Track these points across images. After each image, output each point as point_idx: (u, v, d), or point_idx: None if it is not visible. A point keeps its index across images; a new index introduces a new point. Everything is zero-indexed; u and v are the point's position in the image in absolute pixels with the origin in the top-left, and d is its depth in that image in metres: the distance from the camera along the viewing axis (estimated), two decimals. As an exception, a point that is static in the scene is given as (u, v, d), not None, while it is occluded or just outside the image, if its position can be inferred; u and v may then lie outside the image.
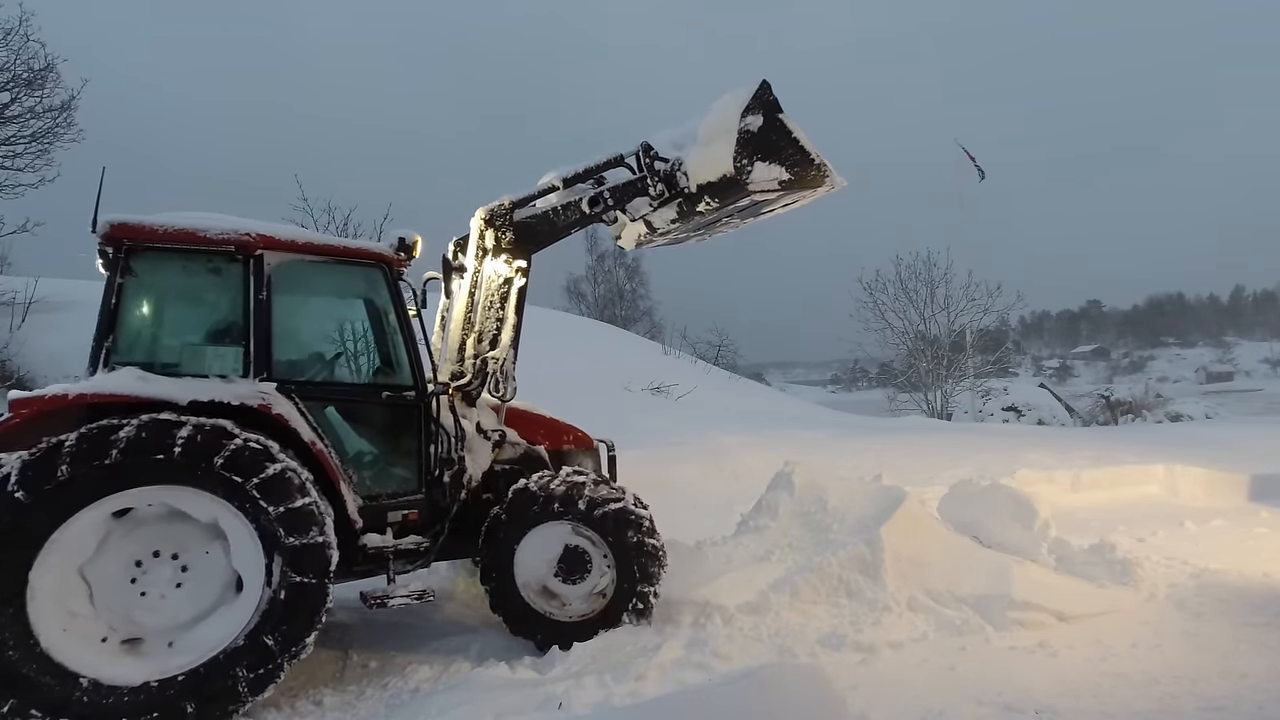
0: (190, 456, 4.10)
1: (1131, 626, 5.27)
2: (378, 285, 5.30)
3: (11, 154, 15.18)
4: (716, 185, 5.26)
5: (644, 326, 45.25)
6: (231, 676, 4.14)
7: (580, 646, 5.02)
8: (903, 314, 26.66)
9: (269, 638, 4.22)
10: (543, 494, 5.21)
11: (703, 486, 9.73)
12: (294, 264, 4.90)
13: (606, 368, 20.80)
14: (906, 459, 10.69)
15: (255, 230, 4.76)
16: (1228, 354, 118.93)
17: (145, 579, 4.18)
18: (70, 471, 3.91)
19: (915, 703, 4.17)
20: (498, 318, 5.68)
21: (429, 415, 5.20)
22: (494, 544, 5.20)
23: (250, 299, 4.69)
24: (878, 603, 5.36)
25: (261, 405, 4.47)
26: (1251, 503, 9.45)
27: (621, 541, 5.24)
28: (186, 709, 4.04)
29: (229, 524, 4.23)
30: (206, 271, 4.81)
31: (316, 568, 4.31)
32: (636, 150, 5.61)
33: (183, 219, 4.69)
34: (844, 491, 6.60)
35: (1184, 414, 27.15)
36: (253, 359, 4.65)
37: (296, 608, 4.27)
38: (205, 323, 5.01)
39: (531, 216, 5.73)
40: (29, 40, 14.74)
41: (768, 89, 5.25)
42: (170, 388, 4.33)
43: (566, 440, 6.05)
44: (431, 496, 5.22)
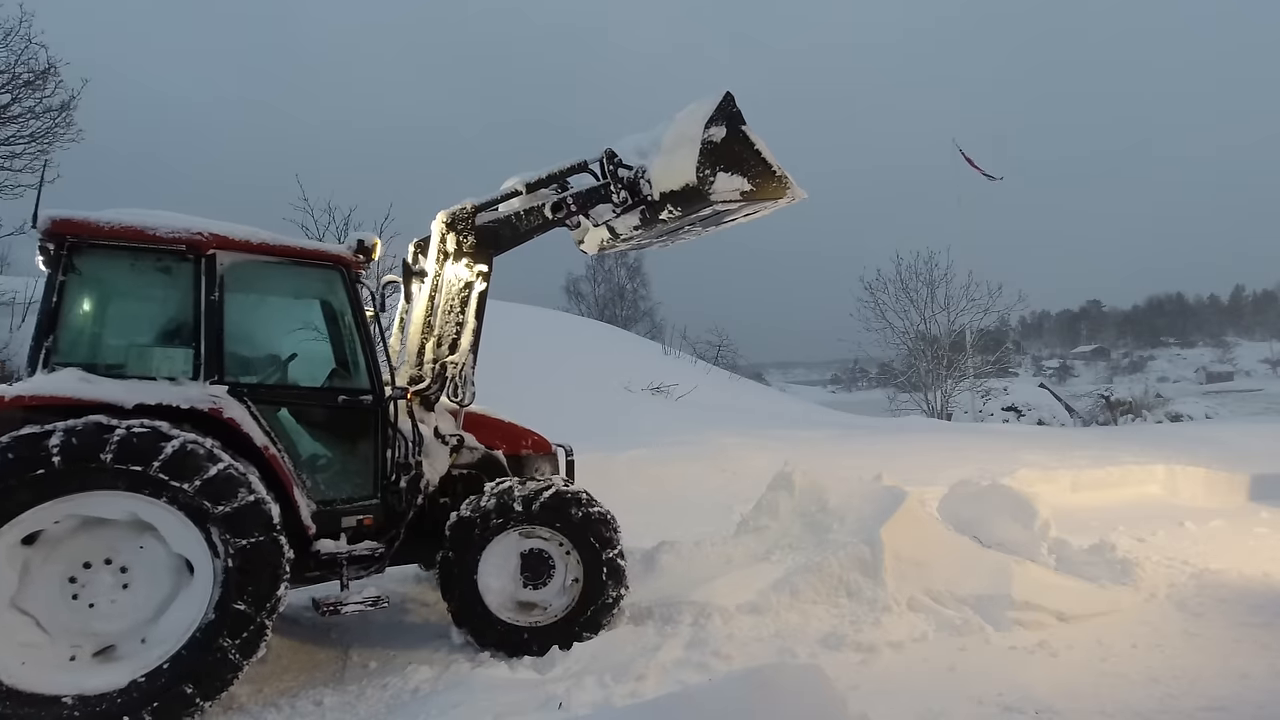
0: (125, 459, 3.94)
1: (1131, 626, 5.27)
2: (335, 287, 5.20)
3: (11, 154, 15.19)
4: (679, 194, 5.32)
5: (644, 326, 45.32)
6: (217, 648, 4.11)
7: (580, 646, 5.02)
8: (903, 314, 26.67)
9: (240, 602, 4.16)
10: (478, 515, 5.10)
11: (703, 486, 9.74)
12: (248, 264, 4.78)
13: (606, 368, 20.81)
14: (906, 459, 10.69)
15: (208, 229, 4.62)
16: (1228, 354, 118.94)
17: (87, 591, 4.01)
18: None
19: (915, 703, 4.16)
20: (458, 322, 5.59)
21: (386, 419, 5.12)
22: (455, 583, 5.07)
23: (201, 299, 4.55)
24: (878, 603, 5.36)
25: (213, 409, 4.35)
26: (1251, 503, 9.46)
27: (569, 524, 5.20)
28: (185, 690, 4.03)
29: (149, 515, 4.07)
30: (155, 270, 4.66)
31: (260, 525, 4.21)
32: (600, 157, 5.66)
33: (130, 216, 4.53)
34: (844, 491, 6.61)
35: (1184, 414, 27.17)
36: (203, 361, 4.52)
37: (256, 567, 4.20)
38: (153, 323, 4.88)
39: (494, 220, 5.69)
40: (30, 42, 14.76)
41: (731, 101, 5.33)
42: (115, 390, 4.17)
43: (524, 445, 5.98)
44: (387, 502, 5.14)
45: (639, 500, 9.20)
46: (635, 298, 50.46)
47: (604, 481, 6.59)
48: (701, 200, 5.32)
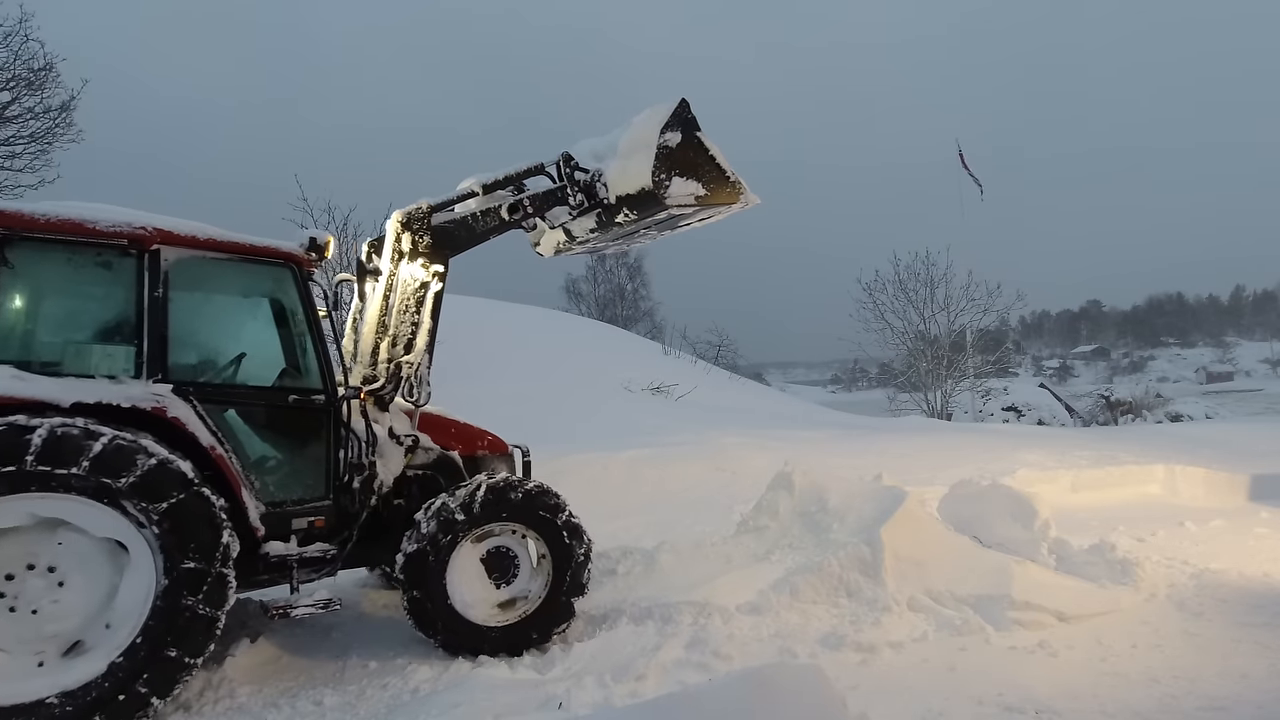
0: (48, 459, 3.81)
1: (1131, 626, 5.26)
2: (286, 285, 5.12)
3: (11, 154, 15.21)
4: (635, 198, 5.46)
5: (644, 326, 45.38)
6: (184, 608, 4.07)
7: (580, 646, 5.02)
8: (902, 314, 26.68)
9: (189, 560, 4.08)
10: (425, 541, 4.96)
11: (703, 486, 9.73)
12: (195, 261, 4.67)
13: (606, 368, 20.82)
14: (906, 459, 10.69)
15: (152, 224, 4.50)
16: (1228, 354, 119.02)
17: (22, 600, 3.87)
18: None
19: (915, 703, 4.16)
20: (413, 322, 5.54)
21: (338, 420, 5.06)
22: (435, 615, 4.96)
23: (145, 296, 4.44)
24: (878, 603, 5.36)
25: (155, 408, 4.22)
26: (1251, 503, 9.46)
27: (514, 510, 5.17)
28: (169, 655, 4.03)
29: (50, 510, 3.93)
30: (95, 265, 4.50)
31: (174, 483, 4.09)
32: (557, 160, 5.76)
33: (69, 208, 4.40)
34: (844, 491, 6.61)
35: (1184, 414, 27.19)
36: (146, 359, 4.40)
37: (188, 523, 4.10)
38: (93, 320, 4.72)
39: (450, 221, 5.67)
40: (28, 40, 14.77)
41: (686, 107, 5.47)
42: (50, 388, 4.02)
43: (480, 445, 5.96)
44: (340, 503, 5.08)
45: (639, 500, 9.21)
46: (635, 298, 50.57)
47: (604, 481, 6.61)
48: (657, 204, 5.45)
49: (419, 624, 5.01)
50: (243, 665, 4.99)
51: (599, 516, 8.22)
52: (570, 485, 6.02)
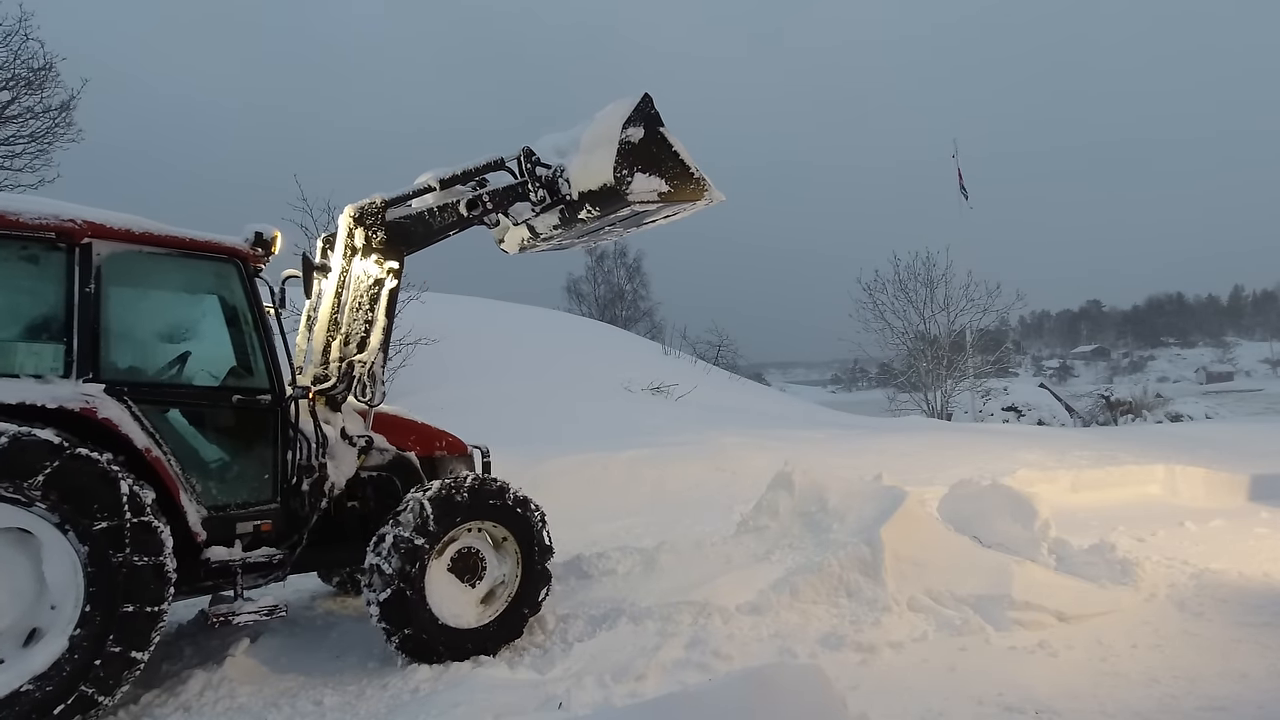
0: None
1: (1131, 626, 5.26)
2: (230, 281, 4.96)
3: (11, 154, 15.21)
4: (597, 194, 5.33)
5: (644, 326, 45.38)
6: (119, 563, 3.95)
7: (580, 646, 5.02)
8: (902, 314, 26.67)
9: (100, 520, 3.93)
10: (396, 579, 4.78)
11: (703, 486, 9.74)
12: (130, 255, 4.50)
13: (606, 368, 20.84)
14: (906, 459, 10.69)
15: (82, 216, 4.32)
16: (1228, 354, 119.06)
17: None
18: None
19: (915, 703, 4.16)
20: (366, 320, 5.40)
21: (286, 420, 4.93)
22: (428, 644, 4.87)
23: (75, 291, 4.24)
24: (878, 603, 5.35)
25: (85, 409, 4.04)
26: (1251, 503, 9.44)
27: (465, 510, 5.07)
28: (127, 610, 3.95)
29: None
30: (19, 259, 4.29)
31: (46, 453, 3.86)
32: (518, 155, 5.62)
33: None
34: (844, 491, 6.61)
35: (1184, 414, 27.18)
36: (76, 357, 4.20)
37: (81, 487, 3.91)
38: (19, 316, 4.49)
39: (406, 217, 5.52)
40: (28, 40, 14.78)
41: (649, 102, 5.36)
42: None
43: (438, 446, 5.88)
44: (288, 506, 4.95)
45: (639, 500, 9.21)
46: (635, 298, 50.55)
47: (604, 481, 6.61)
48: (619, 201, 5.32)
49: (418, 657, 4.87)
50: (243, 665, 4.98)
51: (599, 516, 8.24)
52: (570, 485, 6.04)
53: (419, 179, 5.67)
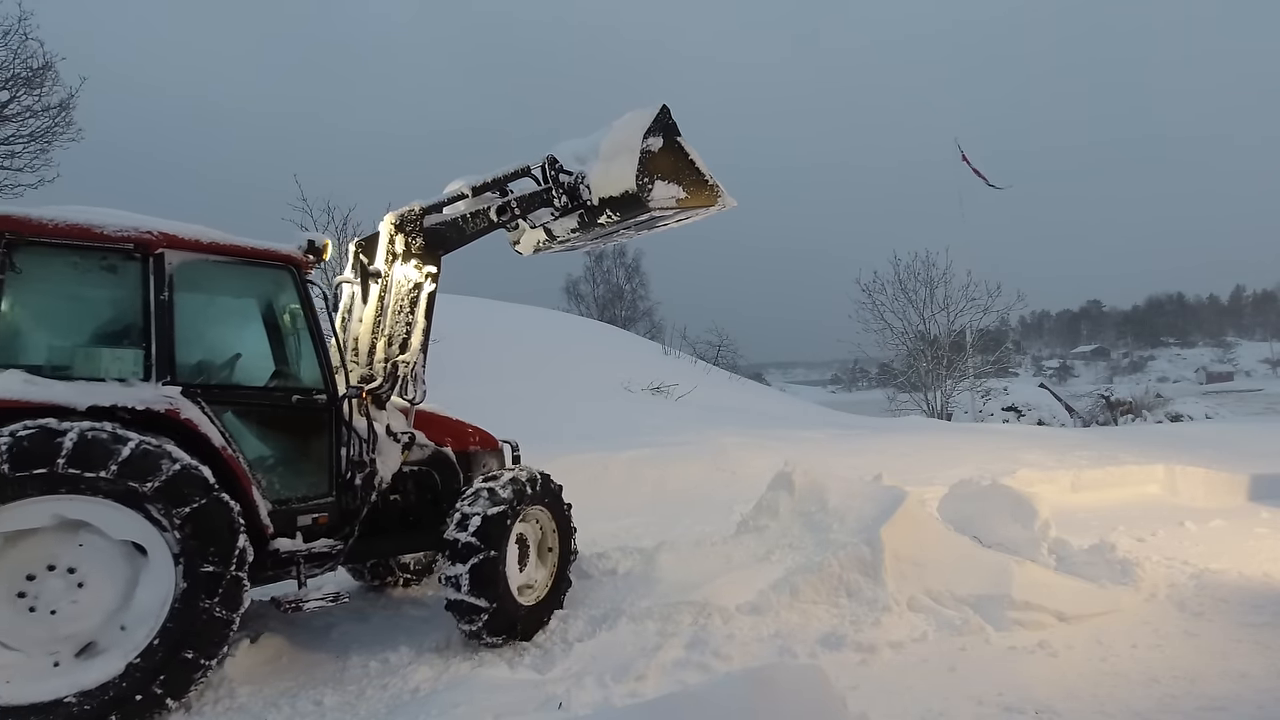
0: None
1: (1131, 626, 5.26)
2: (286, 287, 5.23)
3: (10, 154, 15.21)
4: (619, 200, 5.71)
5: (644, 326, 45.38)
6: (201, 611, 4.13)
7: (580, 646, 5.03)
8: (902, 314, 26.69)
9: (207, 564, 4.16)
10: (503, 504, 5.16)
11: (703, 486, 9.73)
12: (198, 264, 4.74)
13: (606, 368, 20.83)
14: (906, 459, 10.69)
15: (157, 228, 4.56)
16: (1228, 354, 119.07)
17: (43, 600, 3.91)
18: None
19: (915, 703, 4.16)
20: (407, 322, 5.63)
21: (340, 418, 5.14)
22: (492, 581, 5.07)
23: (151, 299, 4.48)
24: (878, 603, 5.35)
25: (169, 410, 4.27)
26: (1251, 503, 9.45)
27: (533, 497, 5.48)
28: (186, 656, 4.10)
29: (75, 512, 3.97)
30: (101, 269, 4.52)
31: (197, 488, 4.16)
32: (542, 163, 5.94)
33: (75, 213, 4.42)
34: (844, 491, 6.60)
35: (1184, 414, 27.15)
36: (154, 361, 4.42)
37: (208, 528, 4.18)
38: (100, 323, 4.71)
39: (441, 223, 5.77)
40: (27, 39, 14.78)
41: (667, 113, 5.72)
42: (66, 392, 4.06)
43: (472, 442, 6.12)
44: (342, 499, 5.16)
45: (639, 500, 9.21)
46: (634, 297, 50.55)
47: (604, 481, 6.62)
48: (640, 206, 5.68)
49: (496, 631, 5.08)
50: (243, 665, 4.98)
51: (599, 516, 8.23)
52: (570, 485, 6.04)
53: (450, 186, 5.94)
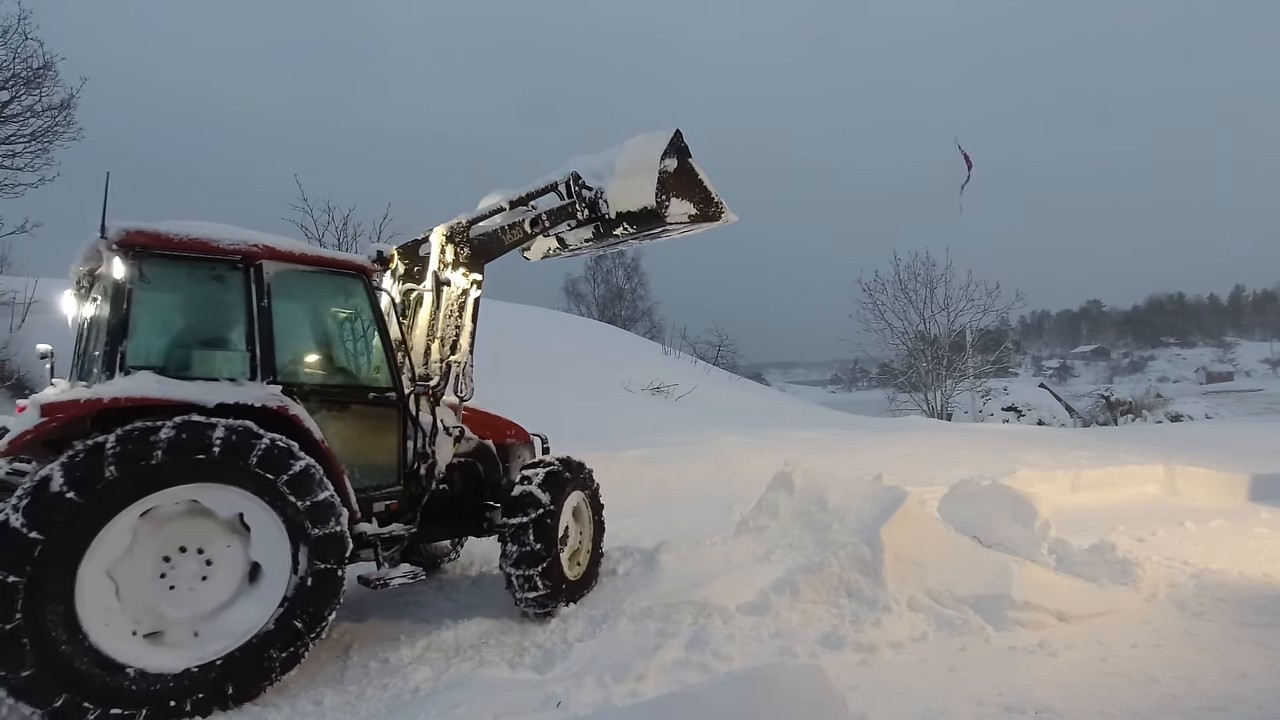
0: (227, 455, 4.34)
1: (1131, 626, 5.26)
2: (359, 293, 5.65)
3: (11, 153, 15.20)
4: (636, 215, 6.26)
5: (644, 326, 45.33)
6: (265, 657, 4.45)
7: (580, 646, 5.03)
8: (902, 314, 26.69)
9: (298, 620, 4.55)
10: (565, 471, 6.01)
11: (703, 486, 9.73)
12: (289, 273, 5.18)
13: (606, 368, 20.82)
14: (906, 459, 10.69)
15: (260, 241, 5.03)
16: (1228, 354, 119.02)
17: (174, 574, 4.35)
18: (117, 472, 4.07)
19: (915, 703, 4.16)
20: (456, 324, 6.12)
21: (407, 414, 5.60)
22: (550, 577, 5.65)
23: (254, 305, 4.93)
24: (878, 603, 5.35)
25: (280, 407, 4.72)
26: (1251, 503, 9.45)
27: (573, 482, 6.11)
28: (227, 689, 4.33)
29: (256, 517, 4.49)
30: (211, 279, 4.98)
31: (336, 554, 4.70)
32: (567, 179, 6.44)
33: (194, 228, 4.88)
34: (844, 491, 6.60)
35: (1184, 414, 27.14)
36: (259, 363, 4.87)
37: (320, 591, 4.62)
38: (211, 327, 5.13)
39: (483, 234, 6.30)
40: (27, 39, 14.76)
41: (680, 137, 6.24)
42: (195, 391, 4.49)
43: (509, 435, 6.68)
44: (408, 488, 5.63)
45: (639, 500, 9.20)
46: (634, 298, 50.47)
47: (604, 481, 6.64)
48: (657, 221, 6.23)
49: (554, 599, 5.69)
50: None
51: (599, 516, 8.21)
52: (570, 485, 6.07)
53: (486, 201, 6.52)
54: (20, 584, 3.84)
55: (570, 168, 6.46)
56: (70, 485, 3.95)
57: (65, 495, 3.93)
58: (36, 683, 3.86)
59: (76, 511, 3.96)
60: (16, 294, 14.06)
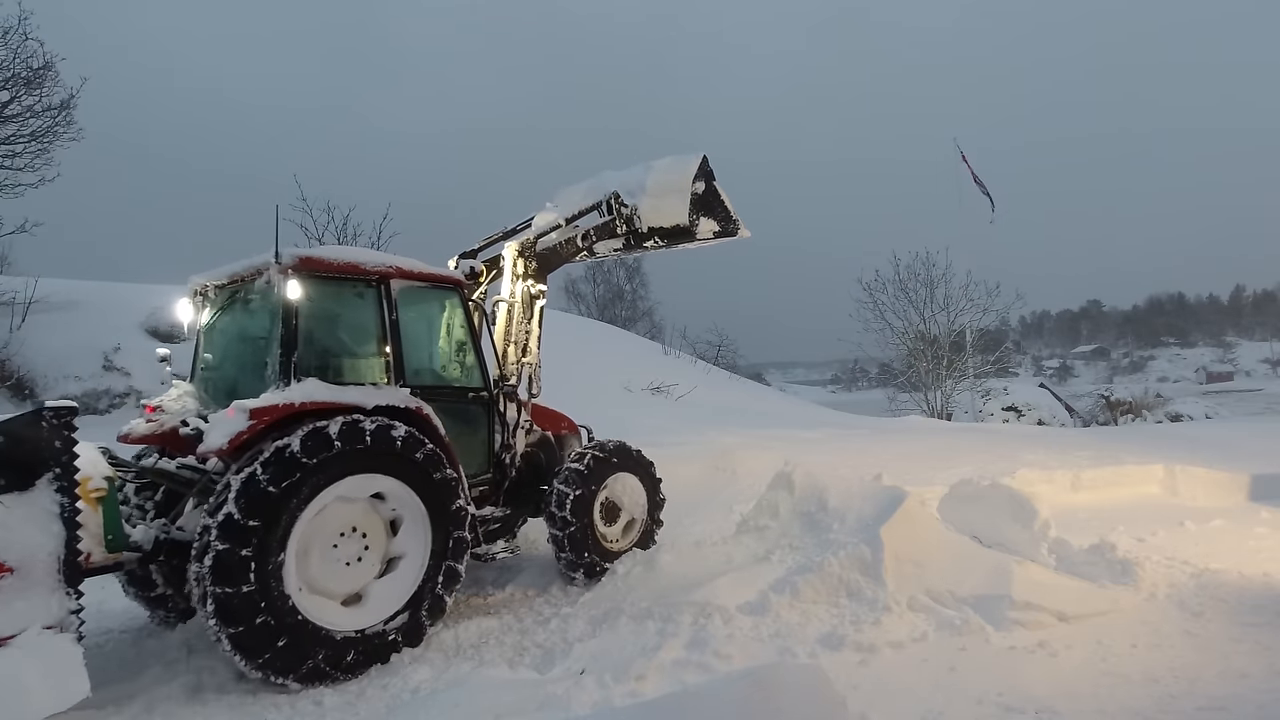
0: (378, 445, 5.08)
1: (1131, 626, 5.26)
2: (456, 304, 6.46)
3: (11, 153, 15.20)
4: (668, 230, 7.27)
5: (644, 326, 45.29)
6: (419, 613, 5.29)
7: (580, 646, 5.03)
8: (902, 314, 26.69)
9: (439, 579, 5.41)
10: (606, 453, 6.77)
11: (703, 486, 9.72)
12: (407, 288, 5.97)
13: (606, 368, 20.81)
14: (906, 459, 10.68)
15: (392, 263, 5.87)
16: (1228, 354, 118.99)
17: (344, 550, 5.12)
18: (342, 447, 4.91)
19: (915, 703, 4.16)
20: (526, 330, 7.01)
21: (494, 410, 6.47)
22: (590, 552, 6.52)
23: (386, 318, 5.71)
24: (878, 603, 5.35)
25: (417, 408, 5.52)
26: (1251, 503, 9.43)
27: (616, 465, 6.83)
28: (396, 640, 5.16)
29: (401, 498, 5.28)
30: (354, 296, 5.73)
31: (462, 522, 5.51)
32: (608, 199, 7.29)
33: (343, 252, 5.76)
34: (844, 491, 6.60)
35: (1184, 414, 27.12)
36: (393, 369, 5.66)
37: (454, 553, 5.47)
38: (356, 338, 5.83)
39: (546, 248, 7.20)
40: (27, 39, 14.76)
41: (707, 162, 7.22)
42: (355, 395, 5.26)
43: (562, 427, 7.42)
44: (495, 475, 6.51)
45: (639, 500, 9.18)
46: (635, 298, 50.42)
47: (604, 481, 6.76)
48: (687, 237, 7.27)
49: (574, 551, 6.48)
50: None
51: (599, 516, 8.21)
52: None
53: (541, 219, 7.39)
54: (251, 556, 4.54)
55: (608, 186, 7.33)
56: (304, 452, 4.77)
57: (268, 487, 4.63)
58: (258, 638, 4.55)
59: (280, 498, 4.67)
60: (17, 294, 14.06)
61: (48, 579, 3.89)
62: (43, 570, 3.89)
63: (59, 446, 4.03)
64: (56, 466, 4.03)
